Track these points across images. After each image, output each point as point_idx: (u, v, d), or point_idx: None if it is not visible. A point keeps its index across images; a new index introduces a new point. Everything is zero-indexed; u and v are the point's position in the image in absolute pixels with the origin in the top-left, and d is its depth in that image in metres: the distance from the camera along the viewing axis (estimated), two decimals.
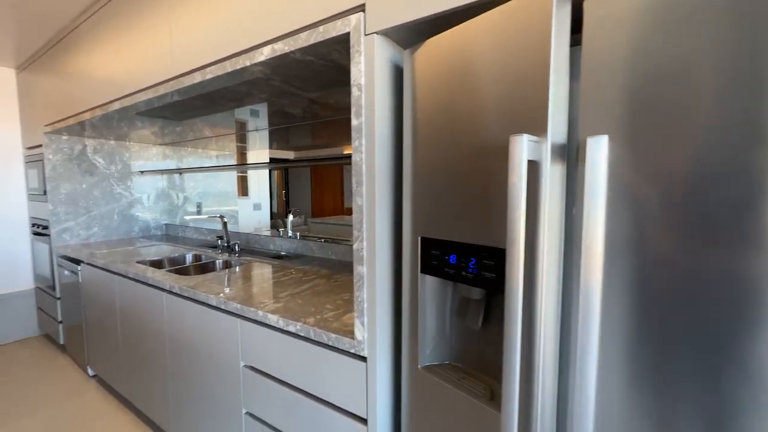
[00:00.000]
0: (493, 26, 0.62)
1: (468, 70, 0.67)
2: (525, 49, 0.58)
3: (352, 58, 0.82)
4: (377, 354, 0.86)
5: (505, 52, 0.61)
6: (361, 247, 0.85)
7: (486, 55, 0.64)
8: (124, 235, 2.71)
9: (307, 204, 2.52)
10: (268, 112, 1.74)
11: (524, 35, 0.58)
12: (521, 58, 0.59)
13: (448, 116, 0.72)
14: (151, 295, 1.54)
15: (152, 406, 1.63)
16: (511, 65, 0.60)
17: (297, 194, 2.69)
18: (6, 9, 1.78)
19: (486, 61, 0.64)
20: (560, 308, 0.61)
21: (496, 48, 0.62)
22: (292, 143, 2.63)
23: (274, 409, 1.10)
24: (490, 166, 0.65)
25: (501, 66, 0.62)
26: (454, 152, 0.71)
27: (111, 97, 1.72)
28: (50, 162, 2.33)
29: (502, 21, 0.61)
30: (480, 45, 0.65)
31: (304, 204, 2.53)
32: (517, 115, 0.60)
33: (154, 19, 1.43)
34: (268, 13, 1.01)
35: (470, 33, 0.66)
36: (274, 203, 2.98)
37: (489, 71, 0.64)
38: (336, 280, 1.44)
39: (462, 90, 0.69)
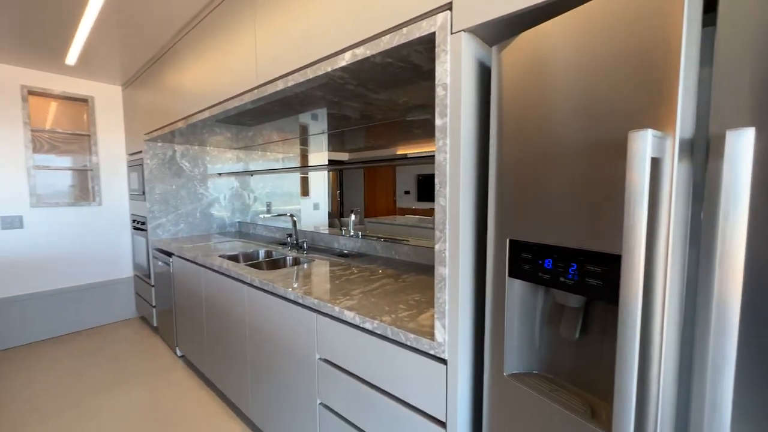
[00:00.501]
0: (608, 12, 0.58)
1: (571, 63, 0.63)
2: (648, 34, 0.53)
3: (438, 58, 0.81)
4: (458, 357, 0.84)
5: (621, 40, 0.56)
6: (444, 248, 0.84)
7: (595, 45, 0.59)
8: (204, 231, 3.00)
9: (360, 204, 2.58)
10: (327, 116, 1.80)
11: (648, 19, 0.53)
12: (642, 44, 0.53)
13: (543, 112, 0.68)
14: (233, 287, 1.68)
15: (232, 388, 1.78)
16: (629, 54, 0.55)
17: (351, 194, 2.77)
18: (115, 34, 2.06)
19: (595, 51, 0.60)
20: (682, 323, 0.55)
21: (609, 36, 0.58)
22: (347, 145, 2.71)
23: (348, 402, 1.13)
24: (597, 164, 0.60)
25: (614, 56, 0.57)
26: (548, 150, 0.67)
27: (200, 107, 1.91)
28: (148, 166, 2.66)
29: (621, 6, 0.56)
30: (588, 34, 0.60)
31: (357, 204, 2.60)
32: (635, 108, 0.55)
33: (240, 33, 1.56)
34: (350, 18, 1.05)
35: (575, 22, 0.62)
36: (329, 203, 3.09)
37: (598, 63, 0.59)
38: (404, 280, 1.44)
39: (562, 85, 0.64)
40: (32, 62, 2.51)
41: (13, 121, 2.59)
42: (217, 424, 1.77)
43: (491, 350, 0.81)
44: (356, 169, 2.70)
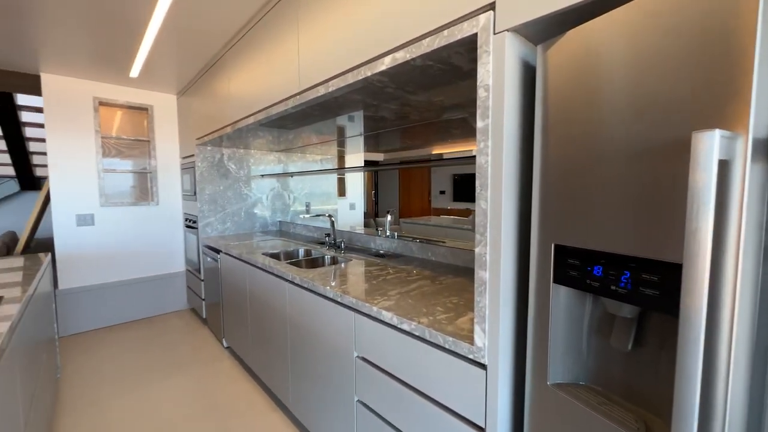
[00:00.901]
0: (668, 5, 0.54)
1: (627, 60, 0.60)
2: (716, 26, 0.49)
3: (479, 59, 0.80)
4: (499, 363, 0.83)
5: (684, 34, 0.52)
6: (484, 251, 0.83)
7: (655, 40, 0.56)
8: (248, 229, 3.16)
9: (395, 204, 2.58)
10: (364, 117, 1.82)
11: (716, 10, 0.49)
12: (709, 38, 0.50)
13: (593, 112, 0.65)
14: (275, 284, 1.76)
15: (274, 380, 1.86)
16: (693, 49, 0.51)
17: (386, 194, 2.78)
18: (172, 49, 2.23)
19: (654, 47, 0.56)
20: (755, 339, 0.50)
21: (669, 30, 0.54)
22: (383, 145, 2.72)
23: (385, 401, 1.15)
24: (654, 166, 0.56)
25: (676, 51, 0.53)
26: (599, 151, 0.64)
27: (246, 113, 2.02)
28: (199, 168, 2.86)
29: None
30: (646, 29, 0.57)
31: (392, 204, 2.60)
32: (699, 107, 0.51)
33: (284, 41, 1.63)
34: (390, 22, 1.06)
35: (631, 17, 0.59)
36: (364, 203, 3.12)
37: (657, 59, 0.56)
38: (441, 282, 1.44)
39: (617, 83, 0.61)
40: (102, 76, 2.79)
41: (87, 129, 2.89)
42: (260, 414, 1.86)
43: (534, 358, 0.79)
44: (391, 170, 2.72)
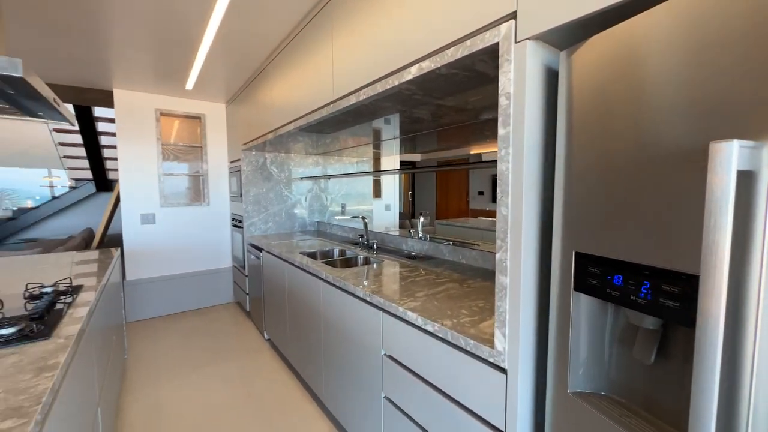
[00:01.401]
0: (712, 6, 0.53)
1: (651, 68, 0.59)
2: (749, 31, 0.47)
3: (501, 67, 0.82)
4: (519, 368, 0.83)
5: (727, 42, 0.51)
6: (505, 257, 0.84)
7: (684, 46, 0.55)
8: (288, 229, 3.34)
9: (432, 205, 2.57)
10: (400, 120, 1.86)
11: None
12: (753, 45, 0.48)
13: (614, 120, 0.64)
14: (310, 281, 1.87)
15: (309, 373, 1.97)
16: (719, 55, 0.50)
17: (422, 195, 2.78)
18: (221, 63, 2.43)
19: (682, 53, 0.55)
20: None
21: (711, 36, 0.53)
22: (419, 146, 2.73)
23: (410, 399, 1.18)
24: (676, 175, 0.55)
25: (700, 57, 0.52)
26: (623, 159, 0.63)
27: (286, 120, 2.15)
28: (244, 172, 3.07)
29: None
30: (673, 34, 0.56)
31: (429, 205, 2.59)
32: (723, 115, 0.50)
33: (319, 53, 1.73)
34: (415, 34, 1.10)
35: (655, 21, 0.58)
36: (401, 204, 3.14)
37: (682, 65, 0.55)
38: (469, 285, 1.44)
39: (645, 90, 0.60)
40: (163, 90, 3.09)
41: (150, 137, 3.23)
42: (296, 404, 1.98)
43: (554, 365, 0.78)
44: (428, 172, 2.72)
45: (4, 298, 1.26)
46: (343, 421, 1.63)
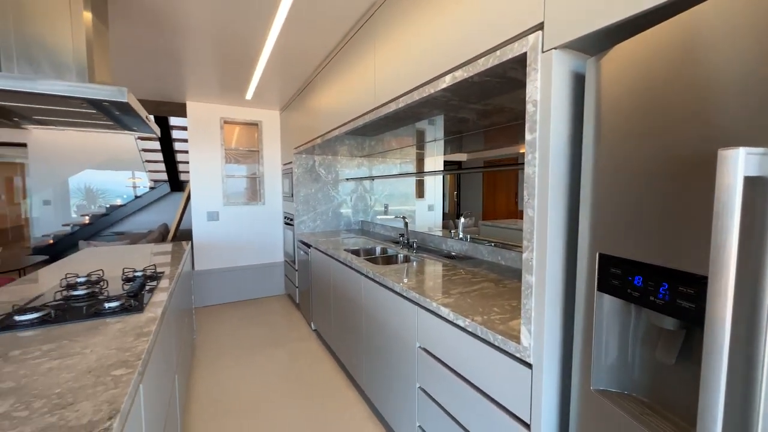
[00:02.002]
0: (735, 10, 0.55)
1: (678, 74, 0.61)
2: None
3: (528, 76, 0.86)
4: (543, 363, 0.87)
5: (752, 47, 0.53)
6: (531, 257, 0.88)
7: (720, 50, 0.57)
8: (334, 227, 3.54)
9: (478, 205, 2.54)
10: (444, 121, 1.90)
11: None
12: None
13: (638, 125, 0.66)
14: (353, 277, 2.00)
15: (350, 361, 2.11)
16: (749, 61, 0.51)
17: (468, 195, 2.76)
18: (277, 75, 2.66)
19: (713, 58, 0.57)
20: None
21: (737, 37, 0.54)
22: (465, 146, 2.73)
23: (442, 390, 1.25)
24: (694, 181, 0.57)
25: (732, 65, 0.54)
26: (645, 164, 0.65)
27: (332, 126, 2.31)
28: (296, 173, 3.31)
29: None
30: (707, 39, 0.58)
31: (475, 205, 2.57)
32: (741, 121, 0.51)
33: (363, 64, 1.85)
34: (449, 46, 1.16)
35: (688, 25, 0.60)
36: (446, 203, 3.15)
37: (710, 71, 0.56)
38: (505, 286, 1.47)
39: (664, 97, 0.62)
40: (226, 100, 3.45)
41: (215, 143, 3.61)
42: (338, 388, 2.13)
43: (580, 362, 0.81)
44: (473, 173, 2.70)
45: (108, 280, 1.54)
46: (380, 407, 1.73)
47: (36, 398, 0.69)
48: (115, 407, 0.66)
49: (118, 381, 0.75)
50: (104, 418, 0.63)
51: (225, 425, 1.82)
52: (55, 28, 1.21)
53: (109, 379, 0.75)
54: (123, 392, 0.71)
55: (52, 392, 0.71)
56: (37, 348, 0.91)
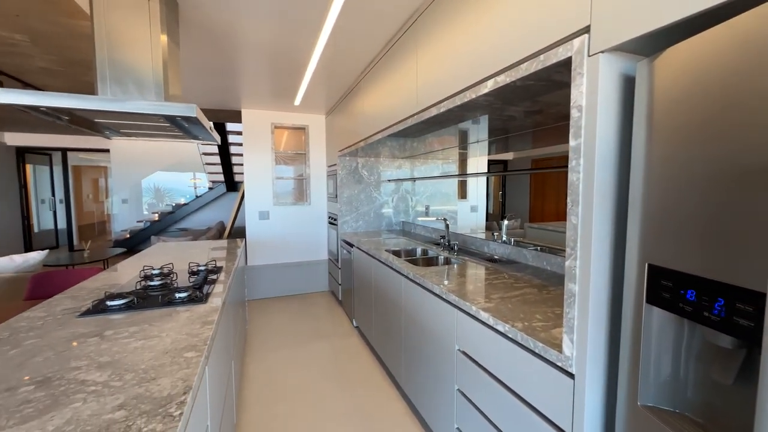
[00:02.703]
0: None
1: (744, 76, 0.57)
2: None
3: (573, 81, 0.84)
4: (586, 374, 0.85)
5: None
6: (574, 265, 0.86)
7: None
8: (376, 228, 3.62)
9: (525, 206, 2.44)
10: (489, 120, 1.86)
11: None
12: None
13: (698, 130, 0.63)
14: (393, 277, 2.05)
15: (390, 359, 2.16)
16: None
17: (514, 195, 2.66)
18: (323, 81, 2.79)
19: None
20: None
21: None
22: (512, 144, 2.64)
23: (481, 394, 1.25)
24: (759, 192, 0.53)
25: None
26: (703, 172, 0.62)
27: (375, 130, 2.38)
28: (339, 175, 3.44)
29: None
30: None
31: (521, 206, 2.47)
32: None
33: (405, 69, 1.88)
34: (490, 51, 1.16)
35: (753, 25, 0.56)
36: (490, 204, 3.07)
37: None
38: (549, 292, 1.43)
39: (730, 100, 0.59)
40: (276, 106, 3.67)
41: (266, 146, 3.86)
42: (377, 384, 2.19)
43: (627, 375, 0.78)
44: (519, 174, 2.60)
45: (177, 272, 1.74)
46: (418, 406, 1.76)
47: (127, 372, 0.82)
48: (188, 384, 0.76)
49: (189, 362, 0.86)
50: (179, 393, 0.73)
51: (273, 409, 1.96)
52: (138, 52, 1.40)
53: (182, 360, 0.87)
54: (193, 372, 0.82)
55: (139, 368, 0.84)
56: (125, 330, 1.07)
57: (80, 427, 0.63)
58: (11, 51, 2.49)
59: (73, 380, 0.78)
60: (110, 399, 0.71)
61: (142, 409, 0.68)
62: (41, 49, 2.45)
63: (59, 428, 0.63)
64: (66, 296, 1.42)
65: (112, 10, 1.34)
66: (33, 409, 0.68)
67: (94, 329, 1.07)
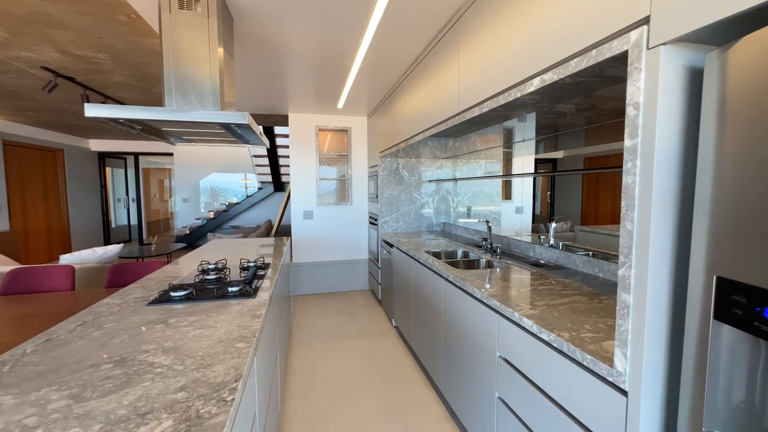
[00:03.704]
0: None
1: None
2: None
3: (629, 76, 0.78)
4: (642, 393, 0.79)
5: None
6: (628, 274, 0.80)
7: None
8: (416, 228, 3.61)
9: (576, 208, 2.29)
10: (537, 117, 1.78)
11: None
12: None
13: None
14: (433, 279, 2.03)
15: (429, 361, 2.15)
16: None
17: (565, 196, 2.50)
18: (365, 84, 2.84)
19: None
20: None
21: None
22: (562, 142, 2.49)
23: (523, 403, 1.21)
24: None
25: None
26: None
27: (416, 131, 2.38)
28: (380, 176, 3.48)
29: None
30: None
31: (572, 208, 2.32)
32: None
33: (447, 69, 1.86)
34: (536, 48, 1.11)
35: None
36: (537, 206, 2.92)
37: None
38: (600, 301, 1.34)
39: None
40: (320, 110, 3.80)
41: (311, 148, 4.01)
42: (415, 385, 2.19)
43: (688, 397, 0.71)
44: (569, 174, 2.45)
45: (230, 268, 1.87)
46: (458, 411, 1.74)
47: (187, 357, 0.90)
48: (239, 372, 0.83)
49: (240, 352, 0.93)
50: (232, 380, 0.79)
51: (315, 400, 2.04)
52: (198, 66, 1.52)
53: (233, 350, 0.94)
54: (243, 361, 0.88)
55: (197, 354, 0.92)
56: (185, 319, 1.18)
57: (149, 403, 0.71)
58: (95, 68, 2.84)
59: (144, 362, 0.88)
60: (173, 381, 0.79)
61: (199, 392, 0.75)
62: (119, 65, 2.77)
63: (132, 403, 0.71)
64: (137, 286, 1.59)
65: (177, 29, 1.48)
66: (112, 385, 0.78)
67: (160, 317, 1.20)
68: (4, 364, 0.88)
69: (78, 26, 2.10)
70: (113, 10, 1.92)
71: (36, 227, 5.45)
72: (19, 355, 0.92)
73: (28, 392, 0.75)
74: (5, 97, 3.69)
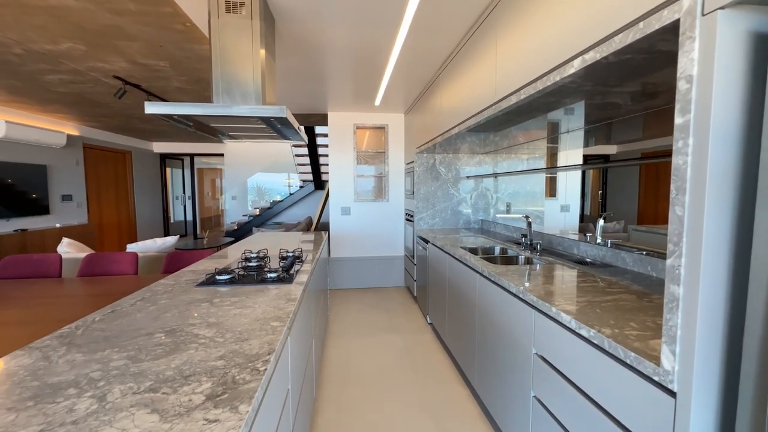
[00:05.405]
0: None
1: None
2: None
3: (681, 47, 0.72)
4: (692, 395, 0.72)
5: None
6: (678, 264, 0.73)
7: None
8: (453, 225, 3.55)
9: (632, 207, 2.12)
10: (585, 107, 1.67)
11: None
12: None
13: None
14: (468, 275, 1.99)
15: (463, 358, 2.11)
16: None
17: (618, 195, 2.33)
18: (401, 81, 2.85)
19: None
20: None
21: None
22: (614, 135, 2.31)
23: (560, 403, 1.15)
24: None
25: None
26: None
27: (453, 124, 2.34)
28: (416, 172, 3.47)
29: None
30: None
31: (627, 207, 2.15)
32: None
33: (484, 58, 1.82)
34: (577, 28, 1.05)
35: None
36: (586, 204, 2.74)
37: None
38: (650, 300, 1.23)
39: None
40: (358, 108, 3.87)
41: (349, 146, 4.10)
42: (448, 382, 2.16)
43: (749, 401, 0.64)
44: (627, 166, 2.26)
45: (270, 257, 1.98)
46: (491, 409, 1.69)
47: (227, 331, 0.97)
48: (272, 347, 0.88)
49: (274, 330, 0.99)
50: (265, 353, 0.84)
51: (348, 390, 2.09)
52: (243, 66, 1.62)
53: (268, 327, 1.00)
54: (277, 338, 0.93)
55: (236, 330, 0.99)
56: (228, 299, 1.26)
57: (192, 368, 0.78)
58: (156, 75, 3.12)
59: (190, 333, 0.96)
60: (214, 351, 0.86)
61: (236, 362, 0.80)
62: (177, 72, 3.02)
63: (178, 367, 0.78)
64: (188, 270, 1.73)
65: (224, 32, 1.59)
66: (162, 350, 0.86)
67: (206, 296, 1.30)
68: (78, 329, 1.00)
69: (142, 37, 2.33)
70: (171, 20, 2.11)
71: (109, 221, 6.11)
72: (90, 322, 1.05)
73: (95, 352, 0.86)
74: (85, 105, 4.18)
